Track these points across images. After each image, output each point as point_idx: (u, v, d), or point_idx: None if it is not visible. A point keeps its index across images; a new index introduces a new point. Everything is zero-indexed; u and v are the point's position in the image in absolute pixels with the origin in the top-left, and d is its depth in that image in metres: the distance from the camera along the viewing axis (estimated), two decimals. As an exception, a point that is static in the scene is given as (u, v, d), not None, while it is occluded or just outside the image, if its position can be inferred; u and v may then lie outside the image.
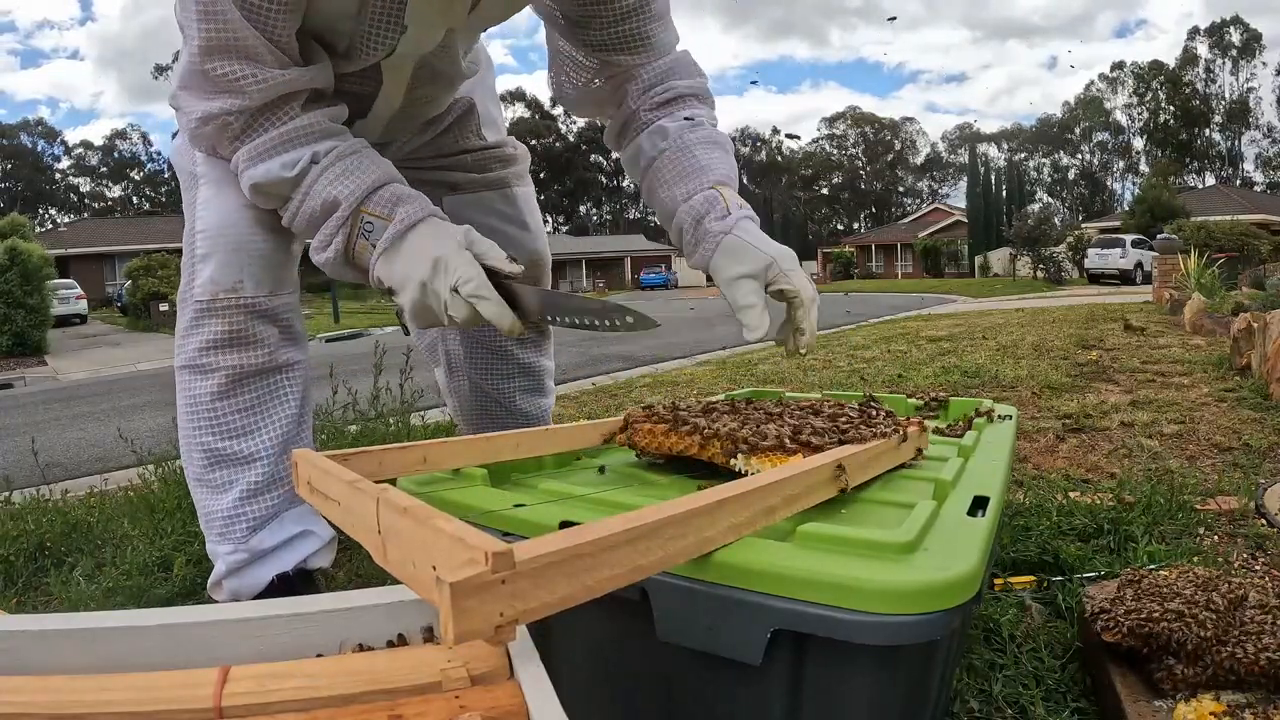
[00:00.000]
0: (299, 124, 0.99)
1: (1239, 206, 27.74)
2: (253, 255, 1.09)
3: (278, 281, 1.12)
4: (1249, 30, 48.28)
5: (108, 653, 0.59)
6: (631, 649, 0.76)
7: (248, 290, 1.09)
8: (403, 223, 0.97)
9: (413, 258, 0.95)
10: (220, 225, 1.08)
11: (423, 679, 0.56)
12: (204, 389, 1.11)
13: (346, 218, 0.98)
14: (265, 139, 0.99)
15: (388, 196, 0.99)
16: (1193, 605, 0.93)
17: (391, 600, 0.65)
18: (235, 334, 1.09)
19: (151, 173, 56.73)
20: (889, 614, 0.60)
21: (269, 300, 1.11)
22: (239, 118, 0.98)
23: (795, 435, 0.91)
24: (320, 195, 0.98)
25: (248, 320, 1.09)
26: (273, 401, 1.14)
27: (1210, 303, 5.64)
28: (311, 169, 0.99)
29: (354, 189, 0.98)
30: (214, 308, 1.08)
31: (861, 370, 3.99)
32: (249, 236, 1.09)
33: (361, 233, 0.98)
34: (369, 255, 0.99)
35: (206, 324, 1.09)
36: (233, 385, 1.11)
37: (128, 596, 1.38)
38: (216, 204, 1.09)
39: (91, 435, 4.33)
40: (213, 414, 1.11)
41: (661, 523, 0.59)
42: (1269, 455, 2.06)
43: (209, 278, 1.08)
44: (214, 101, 0.97)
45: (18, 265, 13.06)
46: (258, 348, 1.11)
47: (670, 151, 1.17)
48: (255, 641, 0.62)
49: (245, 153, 1.00)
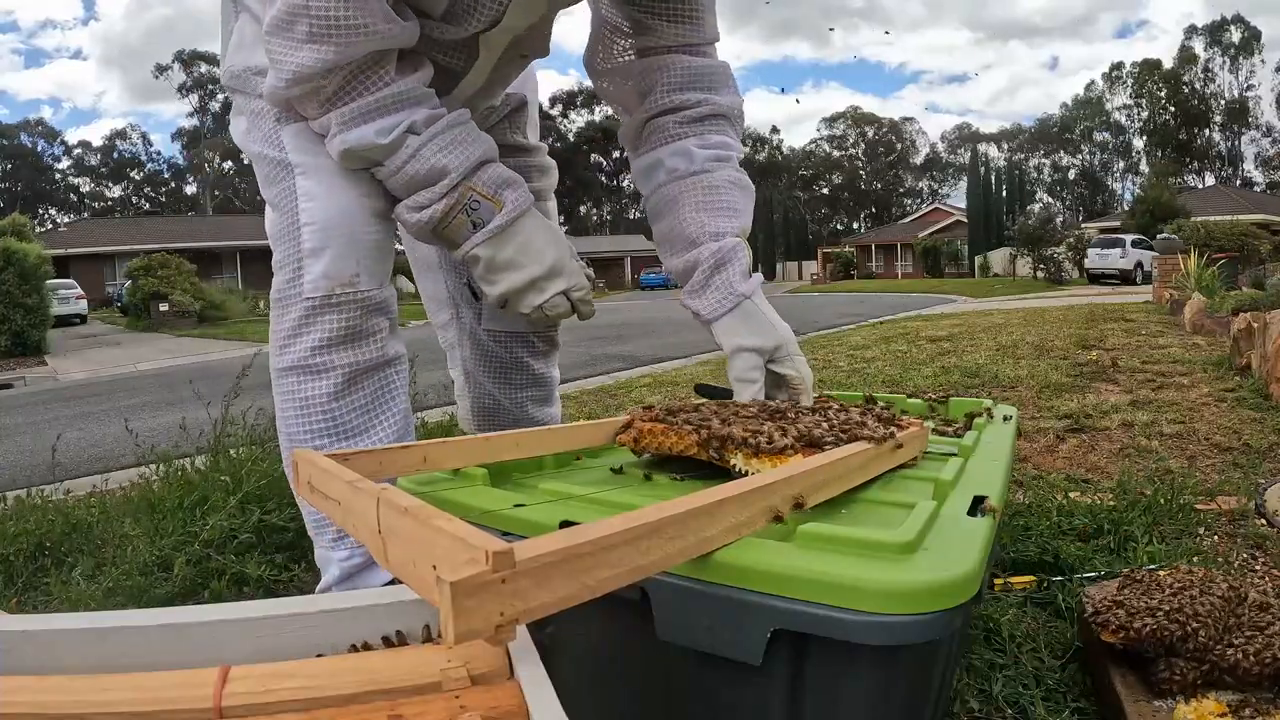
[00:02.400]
0: (394, 90, 0.98)
1: (1239, 206, 27.74)
2: (368, 247, 1.06)
3: (386, 273, 1.10)
4: (1249, 29, 48.31)
5: (108, 653, 0.59)
6: (631, 649, 0.76)
7: (364, 284, 1.05)
8: (512, 210, 1.00)
9: (526, 250, 1.01)
10: (333, 217, 1.04)
11: (423, 679, 0.56)
12: (319, 390, 1.06)
13: (453, 187, 0.99)
14: (360, 104, 0.97)
15: (494, 177, 1.00)
16: (1193, 605, 0.93)
17: (391, 600, 0.65)
18: (351, 330, 1.05)
19: (151, 173, 56.78)
20: (889, 614, 0.60)
21: (381, 293, 1.09)
22: (332, 79, 0.95)
23: (797, 435, 0.91)
24: (428, 161, 0.98)
25: (364, 315, 1.06)
26: (386, 398, 1.11)
27: (1210, 303, 5.64)
28: (409, 137, 0.98)
29: (462, 161, 0.99)
30: (330, 304, 1.04)
31: (862, 370, 4.00)
32: (364, 228, 1.05)
33: (465, 208, 1.00)
34: (466, 231, 1.01)
35: (321, 321, 1.04)
36: (349, 384, 1.07)
37: (128, 596, 1.38)
38: (326, 195, 1.04)
39: (91, 435, 4.33)
40: (329, 416, 1.07)
41: (661, 523, 0.59)
42: (1269, 455, 2.06)
43: (322, 273, 1.03)
44: (303, 52, 0.94)
45: (14, 265, 13.04)
46: (372, 343, 1.08)
47: (699, 179, 1.15)
48: (255, 641, 0.62)
49: (339, 116, 0.98)
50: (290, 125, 1.07)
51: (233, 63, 1.13)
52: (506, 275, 1.02)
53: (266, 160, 1.10)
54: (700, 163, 1.15)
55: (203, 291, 19.76)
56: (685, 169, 1.15)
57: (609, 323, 10.92)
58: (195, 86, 53.77)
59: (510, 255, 1.01)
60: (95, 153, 55.91)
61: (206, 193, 52.12)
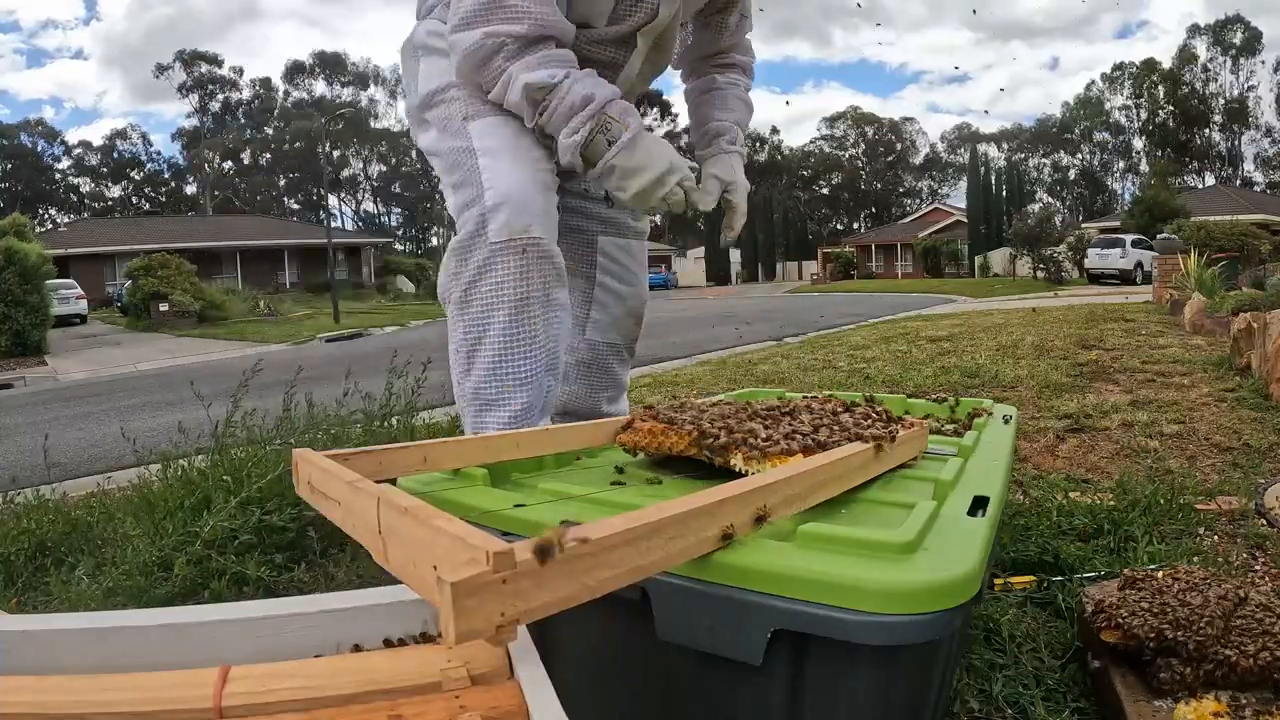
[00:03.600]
0: (559, 53, 1.31)
1: (1239, 206, 27.72)
2: (538, 209, 1.33)
3: (552, 234, 1.36)
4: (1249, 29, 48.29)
5: (108, 653, 0.59)
6: (631, 649, 0.76)
7: (535, 231, 1.31)
8: (636, 129, 1.30)
9: (649, 156, 1.30)
10: (510, 184, 1.32)
11: (423, 679, 0.56)
12: (496, 320, 1.32)
13: (597, 112, 1.28)
14: (535, 57, 1.29)
15: (622, 106, 1.31)
16: (1193, 605, 0.93)
17: (391, 600, 0.65)
18: (524, 269, 1.31)
19: (151, 173, 56.74)
20: (889, 614, 0.60)
21: (551, 245, 1.34)
22: (515, 43, 1.28)
23: (797, 435, 0.91)
24: (580, 92, 1.27)
25: (537, 259, 1.32)
26: (548, 332, 1.35)
27: (1210, 303, 5.63)
28: (566, 79, 1.28)
29: (606, 92, 1.29)
30: (510, 246, 1.30)
31: (862, 370, 3.99)
32: (534, 195, 1.33)
33: (601, 129, 1.28)
34: (602, 148, 1.29)
35: (500, 261, 1.31)
36: (517, 313, 1.32)
37: (128, 596, 1.38)
38: (504, 171, 1.33)
39: (91, 435, 4.33)
40: (502, 339, 1.32)
41: (661, 523, 0.59)
42: (1269, 455, 2.06)
43: (504, 222, 1.30)
44: (491, 25, 1.27)
45: (15, 264, 13.04)
46: (541, 282, 1.33)
47: (720, 92, 1.68)
48: (255, 641, 0.62)
49: (520, 65, 1.29)
50: (475, 122, 1.37)
51: (424, 90, 1.45)
52: (637, 177, 1.31)
53: (454, 150, 1.38)
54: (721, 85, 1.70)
55: (203, 291, 19.77)
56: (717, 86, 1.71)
57: (609, 323, 10.90)
58: (195, 86, 53.74)
59: (638, 161, 1.30)
60: (95, 153, 55.87)
61: (206, 193, 52.08)
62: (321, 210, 47.61)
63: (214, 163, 52.55)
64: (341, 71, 57.16)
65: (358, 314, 19.92)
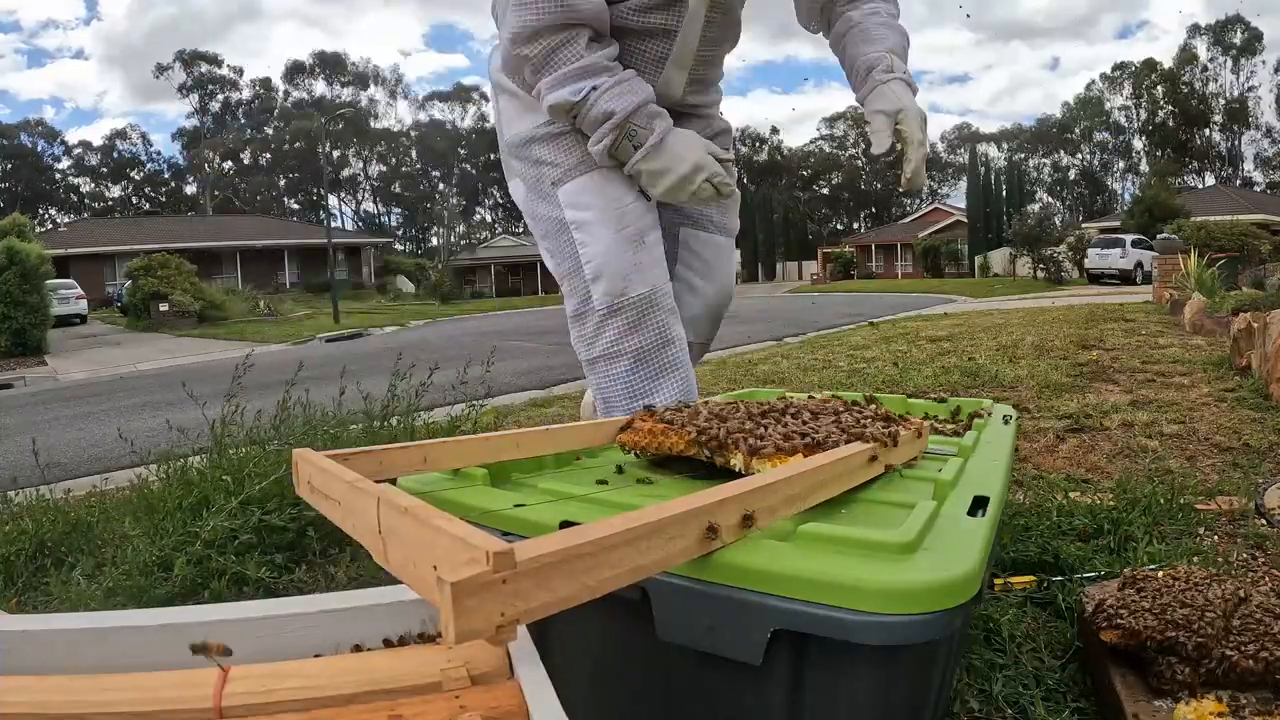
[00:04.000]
0: (583, 64, 1.34)
1: (1239, 206, 27.71)
2: (629, 266, 1.45)
3: (652, 277, 1.47)
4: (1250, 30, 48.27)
5: (108, 653, 0.59)
6: (631, 649, 0.76)
7: (633, 290, 1.45)
8: (661, 133, 1.36)
9: (674, 158, 1.36)
10: (602, 257, 1.45)
11: (423, 679, 0.56)
12: (618, 370, 1.48)
13: (619, 124, 1.34)
14: (559, 74, 1.34)
15: (649, 112, 1.37)
16: (1193, 605, 0.93)
17: (391, 600, 0.65)
18: (632, 324, 1.46)
19: (151, 173, 56.74)
20: (889, 614, 0.60)
21: (650, 293, 1.46)
22: (536, 47, 1.33)
23: (796, 435, 0.91)
24: (601, 108, 1.34)
25: (639, 312, 1.46)
26: (670, 368, 1.49)
27: (1210, 303, 5.63)
28: (592, 93, 1.33)
29: (625, 105, 1.34)
30: (612, 310, 1.45)
31: (862, 370, 3.99)
32: (623, 256, 1.45)
33: (626, 135, 1.35)
34: (629, 152, 1.37)
35: (611, 323, 1.46)
36: (637, 362, 1.47)
37: (128, 596, 1.38)
38: (594, 241, 1.45)
39: (91, 435, 4.33)
40: (627, 386, 1.48)
41: (661, 523, 0.59)
42: (1269, 455, 2.06)
43: (604, 291, 1.45)
44: (518, 14, 1.32)
45: (16, 264, 13.04)
46: (650, 329, 1.47)
47: (858, 28, 1.58)
48: (255, 641, 0.62)
49: (545, 84, 1.36)
50: (564, 188, 1.47)
51: (508, 136, 1.56)
52: (662, 179, 1.38)
53: (547, 219, 1.51)
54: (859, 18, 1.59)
55: (203, 291, 19.77)
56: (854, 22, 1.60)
57: (609, 323, 10.90)
58: (195, 86, 53.75)
59: (663, 164, 1.36)
60: (95, 153, 55.86)
61: (206, 193, 52.05)
62: (321, 210, 47.61)
63: (214, 163, 52.53)
64: (341, 71, 57.14)
65: (357, 314, 19.92)
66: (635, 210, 1.46)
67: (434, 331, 12.96)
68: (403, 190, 57.18)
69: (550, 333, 9.63)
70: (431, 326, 15.07)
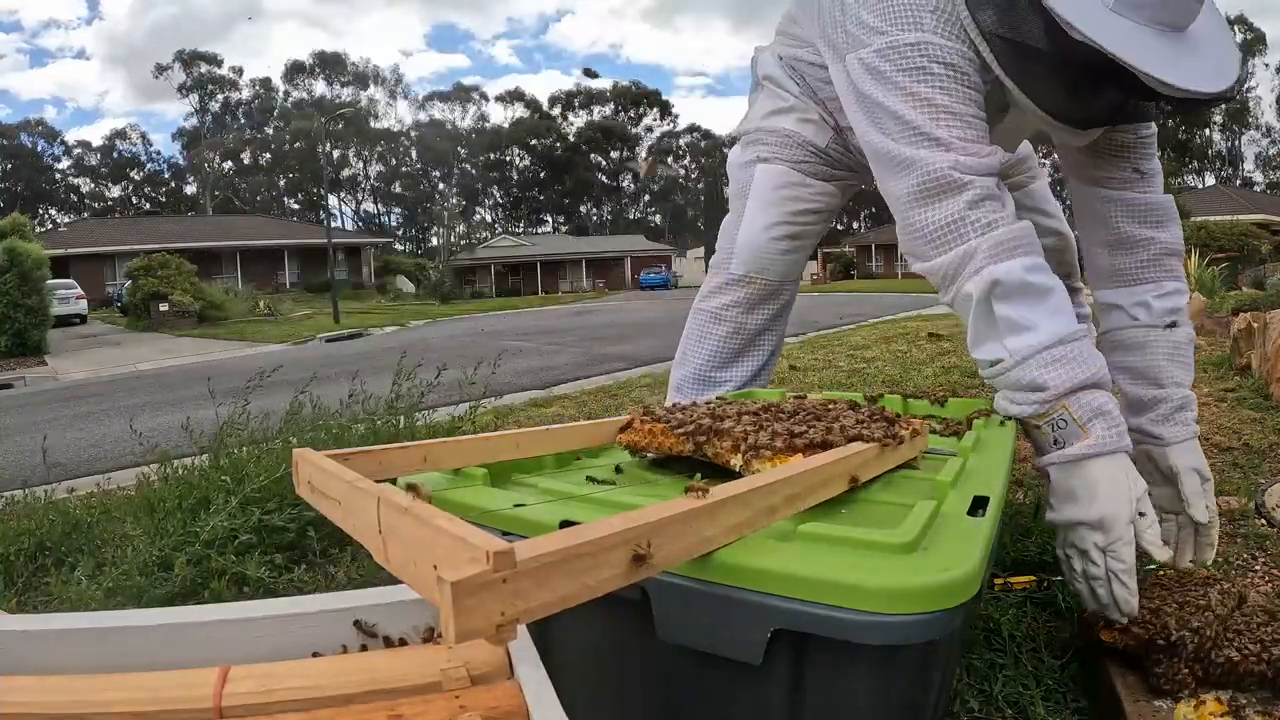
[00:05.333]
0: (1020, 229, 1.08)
1: (1239, 206, 27.71)
2: (767, 258, 1.57)
3: (783, 275, 1.60)
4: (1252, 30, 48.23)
5: (108, 652, 0.59)
6: (631, 649, 0.76)
7: (768, 276, 1.58)
8: (1094, 447, 0.99)
9: (1089, 492, 0.98)
10: (750, 235, 1.57)
11: (423, 679, 0.56)
12: (718, 332, 1.63)
13: (1046, 402, 1.03)
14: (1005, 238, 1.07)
15: (1090, 404, 1.01)
16: (1194, 606, 0.93)
17: (391, 600, 0.65)
18: (752, 301, 1.60)
19: (151, 173, 56.72)
20: (889, 614, 0.60)
21: (777, 285, 1.60)
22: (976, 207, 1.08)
23: (797, 435, 0.91)
24: (1031, 376, 1.03)
25: (760, 295, 1.59)
26: (754, 351, 1.64)
27: (1210, 303, 5.63)
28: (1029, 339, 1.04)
29: (1064, 381, 1.02)
30: (742, 281, 1.59)
31: (862, 370, 3.99)
32: (766, 248, 1.57)
33: (1053, 424, 1.03)
34: (1048, 444, 1.04)
35: (733, 290, 1.60)
36: (734, 333, 1.62)
37: (128, 596, 1.38)
38: (747, 224, 1.58)
39: (91, 435, 4.33)
40: (717, 348, 1.63)
41: (661, 523, 0.59)
42: (1269, 455, 2.06)
43: (742, 262, 1.58)
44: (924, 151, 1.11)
45: (16, 265, 13.04)
46: (760, 314, 1.61)
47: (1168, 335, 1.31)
48: (255, 641, 0.62)
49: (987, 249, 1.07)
50: (759, 167, 1.59)
51: (748, 123, 1.67)
52: (1063, 505, 1.02)
53: (738, 181, 1.66)
54: (1158, 316, 1.32)
55: (203, 291, 19.75)
56: (1145, 320, 1.32)
57: (609, 323, 10.92)
58: (195, 86, 53.75)
59: (1073, 486, 1.01)
60: (95, 153, 55.87)
61: (206, 193, 52.04)
62: (321, 210, 47.61)
63: (214, 163, 52.52)
64: (341, 71, 57.15)
65: (357, 314, 19.91)
66: (804, 217, 1.57)
67: (434, 331, 12.96)
68: (403, 190, 57.19)
69: (550, 333, 9.64)
70: (431, 326, 15.07)
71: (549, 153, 57.47)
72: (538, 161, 57.25)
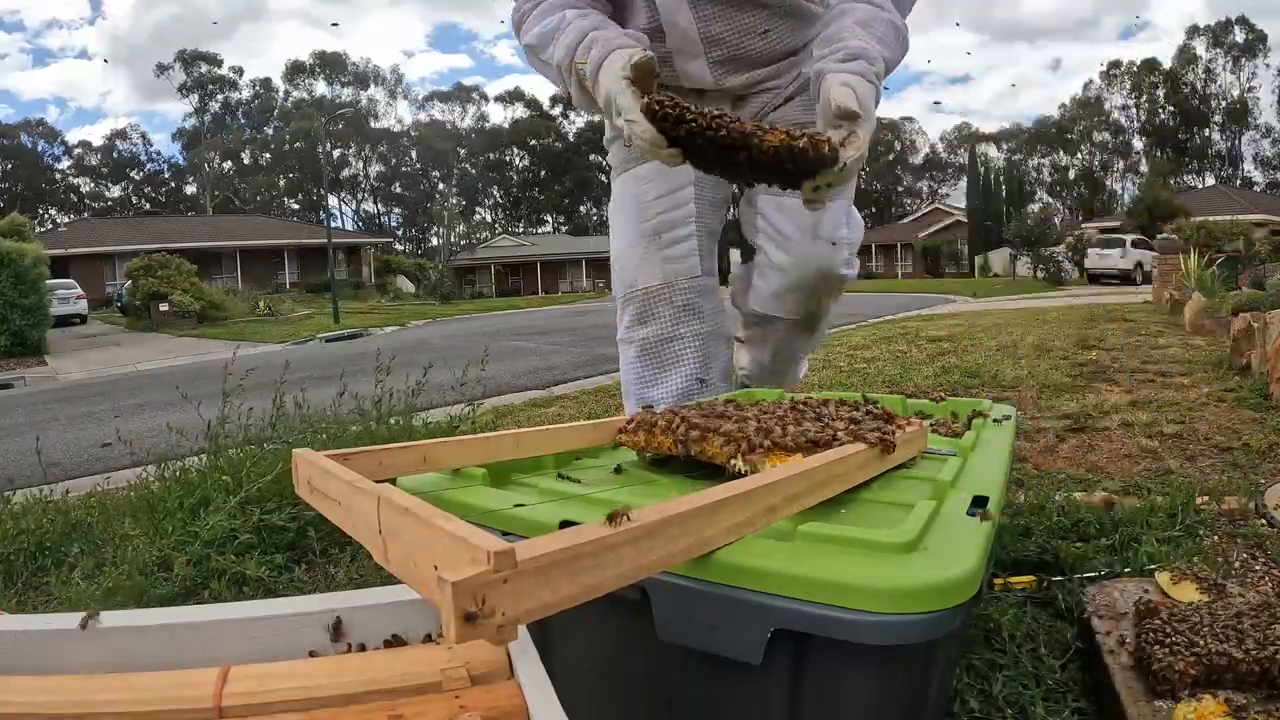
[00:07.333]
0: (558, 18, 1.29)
1: (1239, 206, 27.72)
2: (637, 262, 1.54)
3: (664, 273, 1.53)
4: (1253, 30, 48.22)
5: (108, 653, 0.59)
6: (631, 649, 0.76)
7: (640, 283, 1.54)
8: (592, 66, 1.18)
9: (601, 97, 1.17)
10: (618, 249, 1.58)
11: (423, 679, 0.56)
12: (629, 355, 1.60)
13: (566, 71, 1.25)
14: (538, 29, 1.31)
15: (584, 44, 1.23)
16: (1193, 607, 0.93)
17: (391, 600, 0.65)
18: (640, 316, 1.56)
19: (151, 173, 56.69)
20: (889, 614, 0.60)
21: (659, 289, 1.54)
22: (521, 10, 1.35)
23: (797, 434, 0.91)
24: (554, 60, 1.28)
25: (645, 305, 1.55)
26: (673, 362, 1.57)
27: (1210, 303, 5.63)
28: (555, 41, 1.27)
29: (563, 52, 1.25)
30: (624, 300, 1.57)
31: (862, 370, 3.99)
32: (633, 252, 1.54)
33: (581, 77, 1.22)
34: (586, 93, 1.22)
35: (625, 312, 1.58)
36: (643, 353, 1.58)
37: (128, 596, 1.38)
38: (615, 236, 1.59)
39: (91, 435, 4.33)
40: (635, 372, 1.60)
41: (661, 523, 0.59)
42: (1269, 455, 2.06)
43: (617, 279, 1.59)
44: None
45: (9, 266, 13.02)
46: (656, 323, 1.55)
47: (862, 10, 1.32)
48: (255, 641, 0.62)
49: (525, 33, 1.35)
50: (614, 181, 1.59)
51: None
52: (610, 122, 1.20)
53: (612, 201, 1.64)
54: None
55: (203, 291, 19.75)
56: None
57: (609, 323, 10.90)
58: (195, 86, 53.74)
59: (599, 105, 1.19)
60: (95, 153, 55.82)
61: (206, 193, 52.01)
62: (321, 210, 47.60)
63: (214, 163, 52.51)
64: (341, 71, 57.13)
65: (357, 314, 19.91)
66: (657, 206, 1.51)
67: (433, 331, 12.96)
68: (403, 190, 57.16)
69: (550, 333, 9.64)
70: (431, 326, 15.08)
71: (548, 152, 57.44)
72: (537, 161, 57.24)
